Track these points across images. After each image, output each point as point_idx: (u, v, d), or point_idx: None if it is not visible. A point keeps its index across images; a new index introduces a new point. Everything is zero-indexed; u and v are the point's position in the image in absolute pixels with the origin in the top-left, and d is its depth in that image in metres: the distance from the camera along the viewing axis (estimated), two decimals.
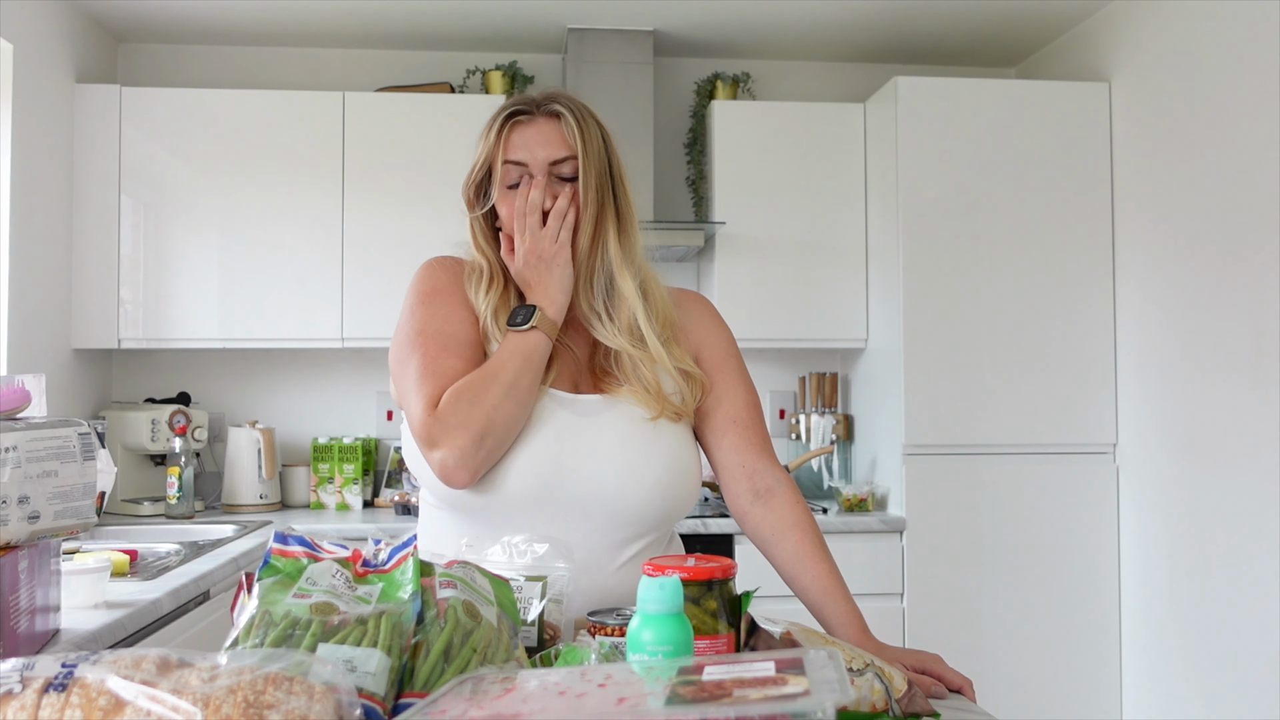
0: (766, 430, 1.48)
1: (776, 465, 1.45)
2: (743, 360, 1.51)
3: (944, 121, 3.33)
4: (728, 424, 1.44)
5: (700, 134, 3.73)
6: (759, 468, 1.43)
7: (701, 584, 1.01)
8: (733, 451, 1.44)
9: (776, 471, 1.44)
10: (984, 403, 3.28)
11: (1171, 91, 3.05)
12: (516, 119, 1.37)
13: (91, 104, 3.32)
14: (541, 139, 1.36)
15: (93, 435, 1.39)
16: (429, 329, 1.34)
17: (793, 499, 1.41)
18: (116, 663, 0.76)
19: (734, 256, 3.52)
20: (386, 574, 0.96)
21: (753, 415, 1.46)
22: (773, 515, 1.41)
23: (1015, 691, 3.18)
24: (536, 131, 1.37)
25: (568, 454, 1.32)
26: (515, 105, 1.39)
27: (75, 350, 3.32)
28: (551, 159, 1.36)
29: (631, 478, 1.33)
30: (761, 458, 1.44)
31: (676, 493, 1.36)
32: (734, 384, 1.47)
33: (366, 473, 3.56)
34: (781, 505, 1.41)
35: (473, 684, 0.83)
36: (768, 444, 1.46)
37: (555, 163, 1.36)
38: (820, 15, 3.49)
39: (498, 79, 3.63)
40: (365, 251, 3.37)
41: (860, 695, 1.02)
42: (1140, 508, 3.19)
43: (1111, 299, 3.32)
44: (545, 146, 1.36)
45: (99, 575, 1.86)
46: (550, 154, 1.36)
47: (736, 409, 1.45)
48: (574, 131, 1.36)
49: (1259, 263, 2.67)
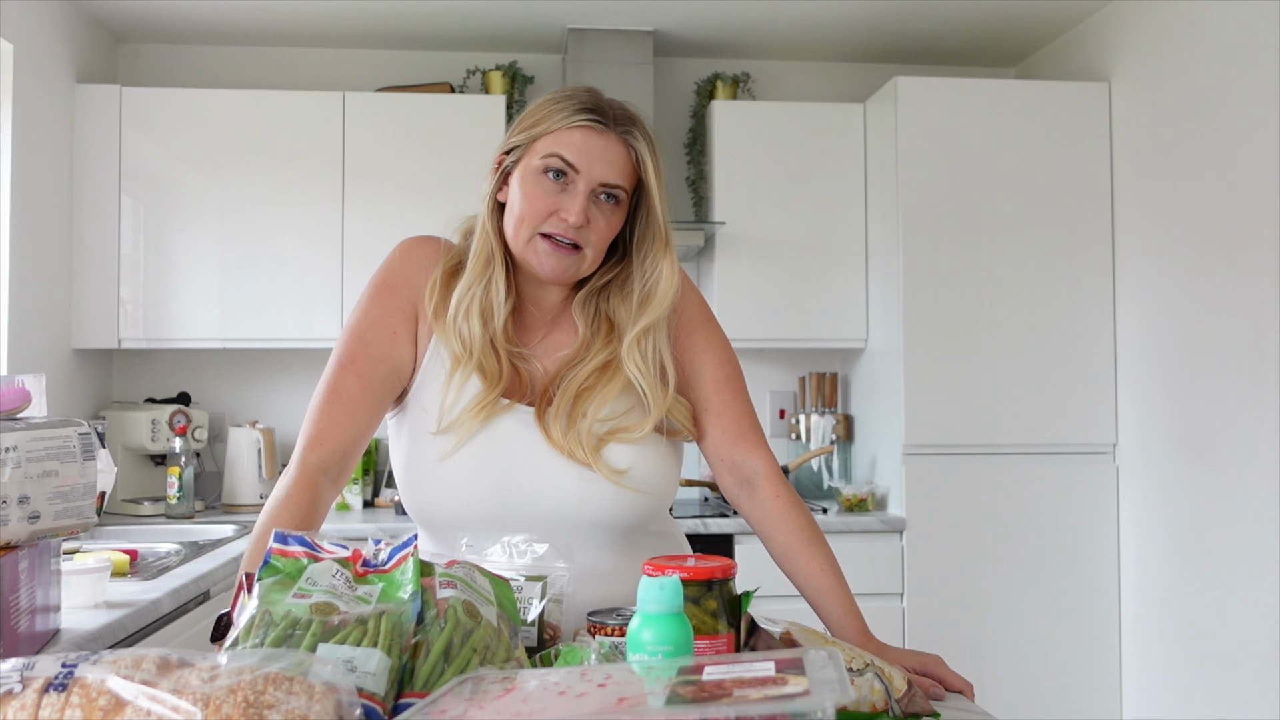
0: (746, 409, 1.42)
1: (756, 449, 1.40)
2: (716, 328, 1.45)
3: (944, 121, 3.33)
4: (701, 414, 1.41)
5: (700, 134, 3.73)
6: (737, 457, 1.40)
7: (701, 584, 1.01)
8: (712, 445, 1.42)
9: (755, 458, 1.40)
10: (984, 403, 3.28)
11: (1171, 91, 3.05)
12: (589, 125, 1.30)
13: (91, 104, 3.32)
14: (605, 157, 1.30)
15: (93, 435, 1.39)
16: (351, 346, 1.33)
17: (773, 491, 1.38)
18: (116, 663, 0.76)
19: (734, 256, 3.52)
20: (386, 574, 0.96)
21: (725, 396, 1.41)
22: (757, 511, 1.39)
23: (1015, 691, 3.18)
24: (604, 147, 1.30)
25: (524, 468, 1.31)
26: (591, 107, 1.31)
27: (75, 350, 3.32)
28: (606, 180, 1.30)
29: (586, 486, 1.31)
30: (738, 445, 1.40)
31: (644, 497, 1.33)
32: (701, 361, 1.41)
33: (366, 473, 3.56)
34: (764, 499, 1.38)
35: (473, 684, 0.83)
36: (745, 425, 1.41)
37: (605, 184, 1.30)
38: (820, 15, 3.49)
39: (498, 79, 3.63)
40: (365, 251, 3.37)
41: (860, 695, 1.02)
42: (1140, 508, 3.19)
43: (1111, 299, 3.32)
44: (607, 166, 1.30)
45: (99, 575, 1.86)
46: (607, 175, 1.30)
47: (705, 394, 1.41)
48: (648, 165, 1.31)
49: (1259, 262, 2.67)
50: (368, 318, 1.35)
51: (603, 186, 1.30)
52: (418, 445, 1.34)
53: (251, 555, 1.19)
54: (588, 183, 1.29)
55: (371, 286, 1.38)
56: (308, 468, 1.27)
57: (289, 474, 1.28)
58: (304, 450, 1.29)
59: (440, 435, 1.30)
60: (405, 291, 1.37)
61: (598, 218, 1.31)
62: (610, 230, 1.33)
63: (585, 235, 1.30)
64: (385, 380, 1.33)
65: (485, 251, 1.34)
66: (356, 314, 1.36)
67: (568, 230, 1.29)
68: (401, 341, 1.35)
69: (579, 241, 1.30)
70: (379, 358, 1.33)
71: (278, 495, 1.25)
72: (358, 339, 1.34)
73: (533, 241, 1.31)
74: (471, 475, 1.30)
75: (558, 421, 1.31)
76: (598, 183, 1.30)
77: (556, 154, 1.29)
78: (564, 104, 1.31)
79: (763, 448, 1.41)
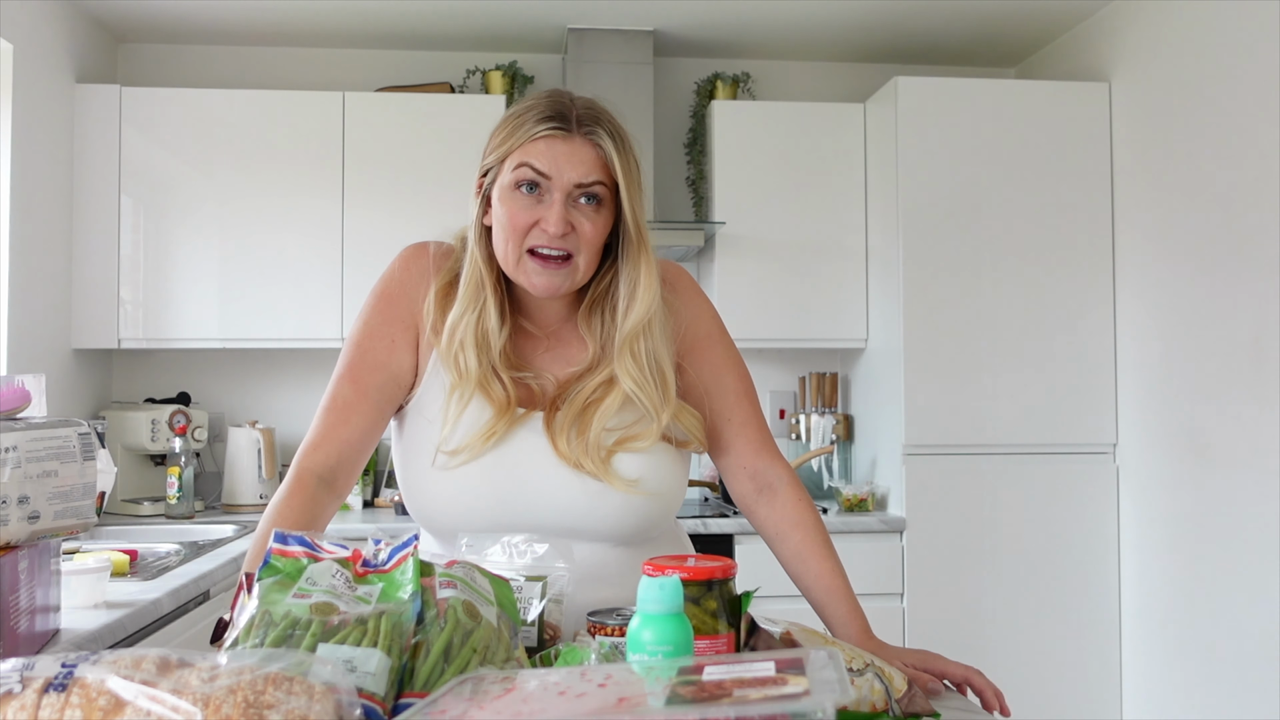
0: (763, 420, 1.45)
1: (777, 460, 1.43)
2: (731, 341, 1.46)
3: (944, 121, 3.33)
4: (722, 424, 1.42)
5: (700, 134, 3.73)
6: (759, 466, 1.42)
7: (701, 584, 1.01)
8: (732, 453, 1.43)
9: (777, 468, 1.42)
10: (984, 403, 3.28)
11: (1171, 91, 3.05)
12: (552, 133, 1.27)
13: (91, 104, 3.32)
14: (574, 160, 1.27)
15: (93, 435, 1.39)
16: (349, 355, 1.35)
17: (794, 495, 1.40)
18: (116, 663, 0.76)
19: (734, 256, 3.52)
20: (386, 574, 0.96)
21: (746, 408, 1.43)
22: (775, 514, 1.40)
23: (1015, 691, 3.15)
24: (571, 151, 1.27)
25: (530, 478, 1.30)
26: (552, 114, 1.28)
27: (75, 350, 3.32)
28: (579, 182, 1.27)
29: (591, 493, 1.30)
30: (760, 454, 1.42)
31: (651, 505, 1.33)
32: (722, 374, 1.42)
33: (366, 473, 3.56)
34: (784, 503, 1.39)
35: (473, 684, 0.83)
36: (765, 436, 1.43)
37: (580, 185, 1.28)
38: (820, 15, 3.49)
39: (498, 79, 3.63)
40: (365, 251, 3.37)
41: (860, 695, 1.02)
42: (1140, 508, 3.19)
43: (1111, 299, 3.32)
44: (576, 168, 1.27)
45: (99, 575, 1.86)
46: (580, 176, 1.27)
47: (728, 405, 1.42)
48: (615, 163, 1.28)
49: (1259, 262, 2.67)
50: (366, 327, 1.36)
51: (578, 188, 1.28)
52: (421, 452, 1.33)
53: (250, 559, 1.20)
54: (562, 188, 1.27)
55: (372, 296, 1.39)
56: (301, 471, 1.30)
57: (285, 479, 1.31)
58: (300, 456, 1.32)
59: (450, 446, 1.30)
60: (404, 301, 1.37)
61: (581, 222, 1.28)
62: (596, 232, 1.30)
63: (572, 242, 1.28)
64: (382, 388, 1.34)
65: (475, 279, 1.33)
66: (357, 323, 1.38)
67: (553, 241, 1.27)
68: (400, 350, 1.35)
69: (567, 250, 1.28)
70: (376, 365, 1.34)
71: (273, 501, 1.28)
72: (356, 348, 1.35)
73: (522, 262, 1.29)
74: (475, 483, 1.30)
75: (565, 433, 1.30)
76: (572, 185, 1.27)
77: (526, 164, 1.27)
78: (526, 116, 1.29)
79: (781, 457, 1.44)
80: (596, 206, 1.29)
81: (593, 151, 1.28)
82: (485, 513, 1.30)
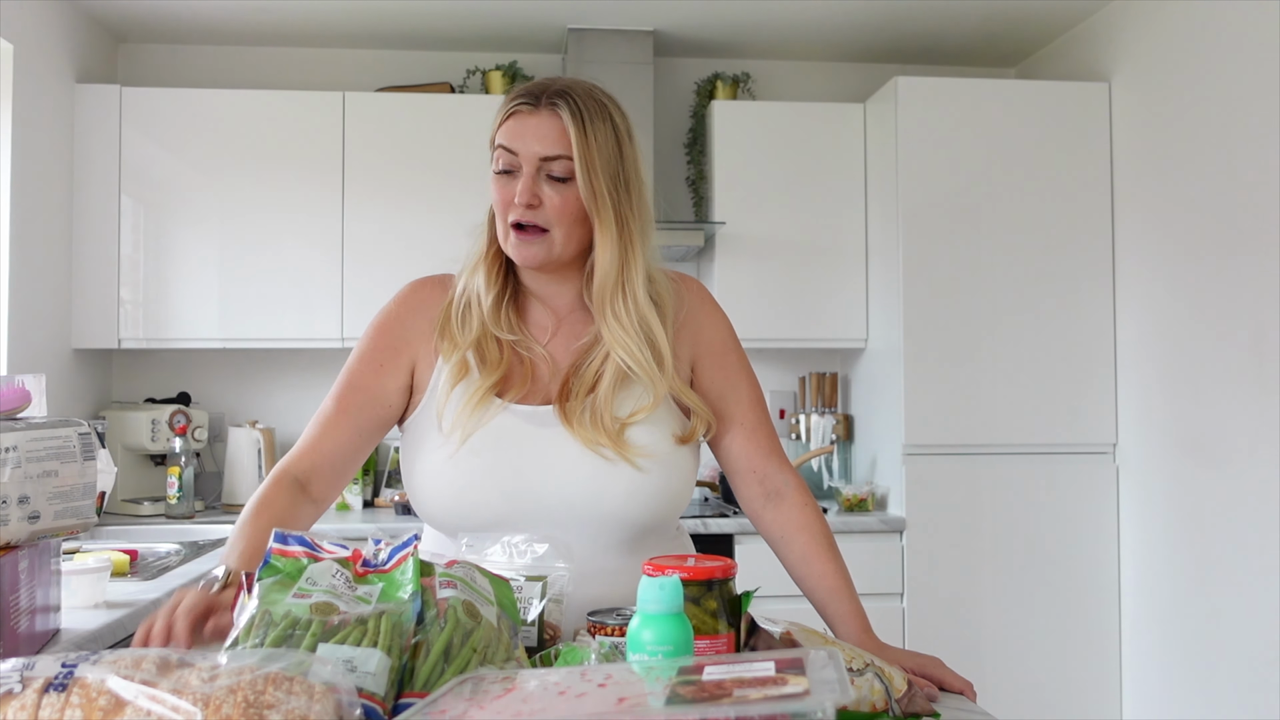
0: (773, 427, 1.48)
1: (785, 465, 1.45)
2: (743, 351, 1.49)
3: (944, 121, 3.33)
4: (734, 427, 1.44)
5: (700, 134, 3.73)
6: (768, 471, 1.44)
7: (701, 584, 1.01)
8: (741, 456, 1.45)
9: (785, 473, 1.44)
10: (984, 403, 3.28)
11: (1171, 91, 3.05)
12: (518, 109, 1.32)
13: (91, 104, 3.32)
14: (537, 132, 1.29)
15: (93, 435, 1.39)
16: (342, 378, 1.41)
17: (801, 500, 1.42)
18: (116, 663, 0.76)
19: (734, 256, 3.52)
20: (386, 574, 0.96)
21: (758, 415, 1.46)
22: (782, 518, 1.42)
23: (1015, 691, 3.17)
24: (536, 124, 1.30)
25: (532, 469, 1.32)
26: (523, 92, 1.33)
27: (75, 350, 3.32)
28: (542, 155, 1.29)
29: (597, 487, 1.32)
30: (770, 460, 1.44)
31: (657, 499, 1.34)
32: (736, 382, 1.45)
33: (366, 473, 3.56)
34: (791, 508, 1.41)
35: (473, 684, 0.83)
36: (775, 443, 1.46)
37: (546, 159, 1.29)
38: (820, 15, 3.49)
39: (498, 79, 3.63)
40: (365, 251, 3.37)
41: (860, 695, 1.02)
42: (1140, 508, 3.19)
43: (1111, 299, 3.32)
44: (539, 141, 1.29)
45: (99, 575, 1.86)
46: (542, 149, 1.29)
47: (741, 411, 1.44)
48: (570, 132, 1.29)
49: (1259, 262, 2.67)
50: (356, 353, 1.43)
51: (543, 161, 1.30)
52: (426, 447, 1.36)
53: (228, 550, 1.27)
54: (528, 162, 1.30)
55: (370, 324, 1.45)
56: (279, 473, 1.37)
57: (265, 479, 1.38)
58: (281, 460, 1.40)
59: (447, 435, 1.33)
60: (398, 329, 1.41)
61: (551, 195, 1.31)
62: (566, 204, 1.31)
63: (543, 215, 1.31)
64: (362, 407, 1.39)
65: (477, 252, 1.41)
66: (357, 352, 1.44)
67: (523, 213, 1.31)
68: (387, 374, 1.40)
69: (538, 222, 1.31)
70: (359, 387, 1.40)
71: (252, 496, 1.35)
72: (345, 371, 1.42)
73: (509, 237, 1.34)
74: (480, 476, 1.32)
75: (580, 413, 1.33)
76: (537, 159, 1.30)
77: (500, 145, 1.33)
78: (505, 101, 1.35)
79: (790, 465, 1.47)
80: (565, 179, 1.31)
81: (556, 123, 1.31)
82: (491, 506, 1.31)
